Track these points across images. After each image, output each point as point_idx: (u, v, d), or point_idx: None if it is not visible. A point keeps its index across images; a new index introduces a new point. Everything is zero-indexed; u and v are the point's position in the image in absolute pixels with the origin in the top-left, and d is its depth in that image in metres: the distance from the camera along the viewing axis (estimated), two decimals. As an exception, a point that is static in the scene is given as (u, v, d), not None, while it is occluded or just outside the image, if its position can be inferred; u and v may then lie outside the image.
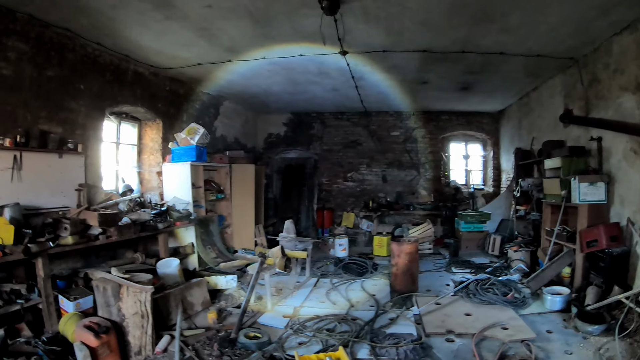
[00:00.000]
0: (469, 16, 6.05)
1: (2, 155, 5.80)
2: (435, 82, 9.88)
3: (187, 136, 8.81)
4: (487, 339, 5.45)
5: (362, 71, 8.83)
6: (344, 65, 8.26)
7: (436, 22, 6.27)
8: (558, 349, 5.16)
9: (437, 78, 9.47)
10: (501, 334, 5.54)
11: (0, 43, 5.75)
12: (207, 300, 6.77)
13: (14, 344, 4.96)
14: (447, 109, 13.45)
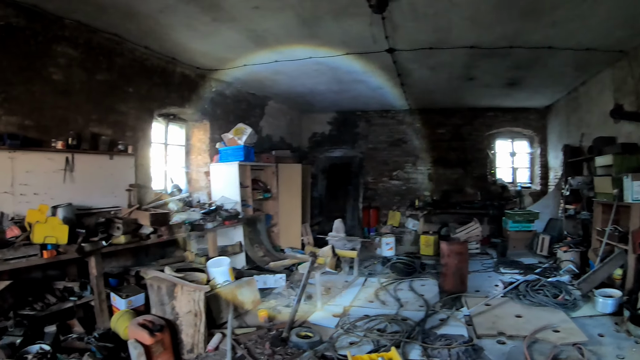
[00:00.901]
0: (517, 11, 5.78)
1: (55, 157, 5.90)
2: (482, 79, 9.54)
3: (235, 136, 8.78)
4: (538, 341, 5.18)
5: (408, 69, 8.60)
6: (390, 63, 8.06)
7: (484, 17, 6.03)
8: (610, 353, 4.86)
9: (484, 74, 9.14)
10: (552, 336, 5.27)
11: (50, 49, 5.86)
12: (257, 299, 6.68)
13: (66, 340, 5.02)
14: (493, 105, 12.93)
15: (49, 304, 5.14)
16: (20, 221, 5.32)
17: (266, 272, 8.01)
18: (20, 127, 5.55)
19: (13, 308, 4.78)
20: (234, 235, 8.67)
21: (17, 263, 4.80)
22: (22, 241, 5.00)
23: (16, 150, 5.42)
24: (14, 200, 5.46)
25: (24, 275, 5.31)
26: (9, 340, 4.53)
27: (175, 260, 7.17)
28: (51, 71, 5.90)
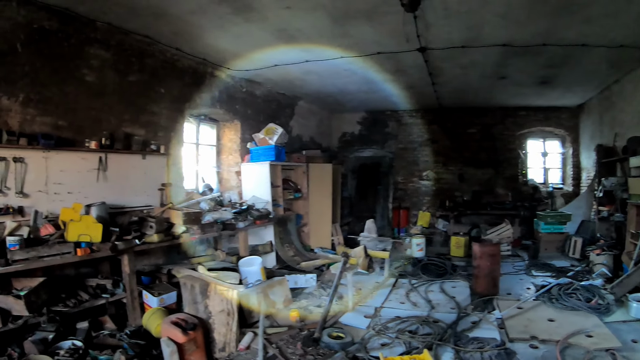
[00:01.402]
0: (550, 7, 5.56)
1: (88, 157, 5.97)
2: (514, 77, 9.27)
3: (266, 136, 8.73)
4: (571, 346, 4.97)
5: (439, 68, 8.42)
6: (421, 62, 7.90)
7: (517, 14, 5.82)
8: (644, 360, 4.63)
9: (516, 73, 8.88)
10: (586, 341, 5.05)
11: (82, 51, 5.92)
12: (288, 299, 6.60)
13: (98, 337, 5.02)
14: (524, 104, 12.55)
15: (82, 300, 5.14)
16: (54, 219, 5.35)
17: (297, 271, 7.93)
18: (54, 128, 5.60)
19: (46, 304, 4.79)
20: (265, 234, 8.62)
21: (51, 260, 4.82)
22: (56, 239, 5.03)
23: (50, 150, 5.47)
24: (48, 198, 5.50)
25: (57, 272, 5.33)
26: (41, 335, 4.56)
27: (206, 259, 7.07)
28: (84, 73, 5.94)
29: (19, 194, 5.18)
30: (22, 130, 5.25)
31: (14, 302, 4.46)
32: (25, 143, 5.20)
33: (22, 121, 5.28)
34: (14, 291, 4.72)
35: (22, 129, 5.25)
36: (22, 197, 5.21)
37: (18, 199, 5.18)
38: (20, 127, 5.25)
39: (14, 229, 4.89)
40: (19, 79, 5.20)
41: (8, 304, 4.47)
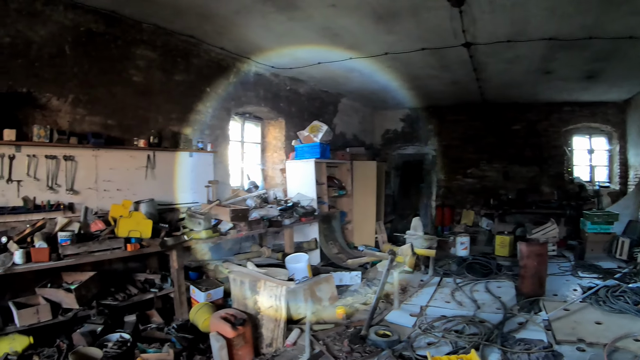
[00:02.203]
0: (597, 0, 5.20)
1: (137, 155, 5.98)
2: (560, 72, 8.73)
3: (310, 134, 8.56)
4: (619, 350, 4.61)
5: (484, 63, 8.03)
6: (466, 57, 7.55)
7: (563, 7, 5.45)
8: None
9: (562, 67, 8.35)
10: (634, 345, 4.70)
11: (129, 52, 5.94)
12: (334, 296, 6.47)
13: (146, 330, 5.00)
14: (570, 99, 11.81)
15: (131, 294, 5.14)
16: (103, 215, 5.38)
17: (342, 269, 7.75)
18: (104, 127, 5.65)
19: (96, 298, 4.81)
20: (309, 231, 8.47)
21: (101, 255, 4.83)
22: (107, 235, 5.03)
23: (100, 149, 5.51)
24: (98, 195, 5.54)
25: (105, 266, 5.39)
26: (90, 328, 4.56)
27: (252, 255, 7.08)
28: (131, 73, 5.97)
29: (69, 191, 5.22)
30: (72, 129, 5.30)
31: (65, 296, 4.48)
32: (76, 142, 5.23)
33: (72, 121, 5.33)
34: (64, 285, 4.77)
35: (72, 129, 5.30)
36: (72, 194, 5.25)
37: (68, 195, 5.21)
38: (70, 127, 5.30)
39: (65, 225, 4.91)
40: (68, 80, 5.24)
41: (59, 297, 4.49)
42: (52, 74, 5.07)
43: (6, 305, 4.32)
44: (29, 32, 4.86)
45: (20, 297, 4.50)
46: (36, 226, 4.69)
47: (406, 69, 8.61)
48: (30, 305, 4.32)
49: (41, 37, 4.96)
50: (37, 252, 4.32)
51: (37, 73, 4.95)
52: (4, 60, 4.68)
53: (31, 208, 4.86)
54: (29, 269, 4.32)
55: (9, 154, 4.73)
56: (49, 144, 4.99)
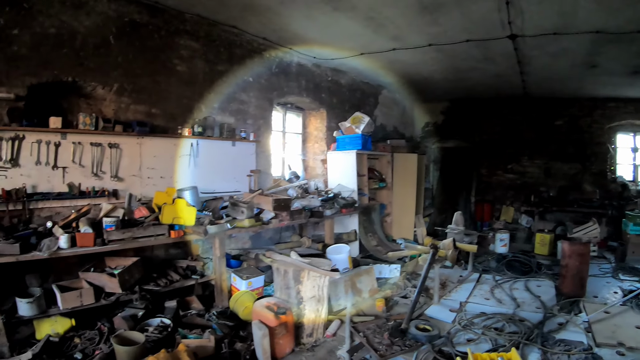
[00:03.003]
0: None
1: (181, 143, 5.93)
2: (605, 66, 8.11)
3: (352, 125, 8.29)
4: None
5: (528, 56, 7.57)
6: (510, 49, 7.14)
7: (613, 0, 5.05)
8: None
9: (608, 61, 7.76)
10: None
11: (172, 42, 5.87)
12: (374, 288, 6.24)
13: (186, 316, 4.90)
14: (614, 95, 10.92)
15: (172, 280, 5.06)
16: (146, 202, 5.33)
17: (381, 261, 7.48)
18: (148, 115, 5.60)
19: (139, 283, 4.74)
20: (348, 223, 8.23)
21: (145, 241, 4.78)
22: (151, 221, 4.97)
23: (144, 137, 5.46)
24: (142, 182, 5.50)
25: (147, 252, 5.36)
26: (131, 312, 4.52)
27: (292, 245, 6.90)
28: (175, 63, 5.89)
29: (114, 177, 5.21)
30: (116, 117, 5.28)
31: (108, 280, 4.44)
32: (121, 130, 5.21)
33: (117, 109, 5.32)
34: (107, 269, 4.73)
35: (116, 117, 5.29)
36: (116, 180, 5.24)
37: (113, 182, 5.20)
38: (115, 115, 5.29)
39: (110, 211, 4.89)
40: (112, 69, 5.20)
41: (102, 282, 4.45)
42: (97, 63, 5.04)
43: (49, 288, 4.30)
44: (74, 23, 4.83)
45: (62, 280, 4.47)
46: (81, 212, 4.68)
47: (449, 61, 8.22)
48: (73, 288, 4.28)
49: (86, 27, 4.93)
50: (82, 237, 4.29)
51: (82, 62, 4.92)
52: (49, 50, 4.66)
53: (76, 194, 4.85)
54: (73, 254, 4.29)
55: (54, 141, 4.72)
56: (94, 132, 4.97)
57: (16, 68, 4.46)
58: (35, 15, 4.54)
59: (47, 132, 4.65)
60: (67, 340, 4.07)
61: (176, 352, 3.64)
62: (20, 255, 3.86)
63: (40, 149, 4.63)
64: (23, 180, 4.51)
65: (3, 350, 3.75)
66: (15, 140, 4.46)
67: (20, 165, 4.53)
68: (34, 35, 4.55)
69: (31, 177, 4.59)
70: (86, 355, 3.92)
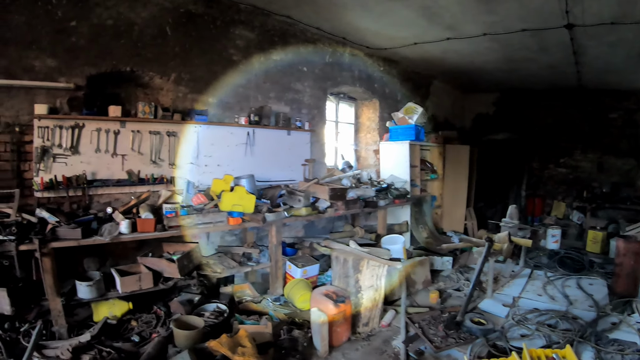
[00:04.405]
0: None
1: (237, 132, 5.75)
2: None
3: (405, 115, 7.83)
4: None
5: (584, 46, 6.91)
6: (566, 39, 6.51)
7: None
8: None
9: None
10: None
11: (228, 32, 5.68)
12: (428, 280, 6.00)
13: (241, 302, 4.73)
14: None
15: (229, 267, 4.84)
16: (203, 190, 5.19)
17: (433, 253, 7.07)
18: (205, 104, 5.48)
19: (197, 269, 4.57)
20: (400, 214, 7.82)
21: (205, 228, 4.61)
22: (210, 208, 4.80)
23: (201, 125, 5.30)
24: (199, 170, 5.37)
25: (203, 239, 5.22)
26: (187, 297, 4.44)
27: (346, 234, 6.56)
28: (231, 52, 5.71)
29: (172, 165, 5.09)
30: (174, 106, 5.17)
31: (167, 265, 4.30)
32: (179, 118, 5.09)
33: (175, 98, 5.21)
34: (166, 255, 4.59)
35: (174, 106, 5.18)
36: (174, 168, 5.12)
37: (171, 169, 5.10)
38: (172, 104, 5.18)
39: (168, 198, 4.74)
40: (170, 59, 5.07)
41: (161, 267, 4.31)
42: (154, 53, 4.93)
43: (107, 271, 4.19)
44: (131, 14, 4.73)
45: (119, 264, 4.35)
46: (141, 198, 4.54)
47: (503, 51, 7.61)
48: (131, 273, 4.16)
49: (142, 18, 4.82)
50: (143, 222, 4.16)
51: (139, 53, 4.83)
52: (107, 41, 4.57)
53: (135, 181, 4.77)
54: (134, 239, 4.17)
55: (114, 129, 4.65)
56: (153, 120, 4.87)
57: (75, 59, 4.39)
58: (93, 7, 4.46)
59: (106, 121, 4.57)
60: (124, 323, 4.01)
61: (237, 337, 3.52)
62: (82, 240, 3.77)
63: (100, 137, 4.56)
64: (83, 168, 4.46)
65: (62, 332, 3.68)
66: (75, 129, 4.40)
67: (80, 152, 4.46)
68: (92, 27, 4.48)
69: (91, 164, 4.53)
70: (143, 338, 3.84)
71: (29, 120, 4.15)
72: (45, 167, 4.22)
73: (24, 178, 4.16)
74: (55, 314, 3.67)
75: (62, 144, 4.31)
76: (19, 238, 3.42)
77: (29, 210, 3.94)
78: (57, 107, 4.26)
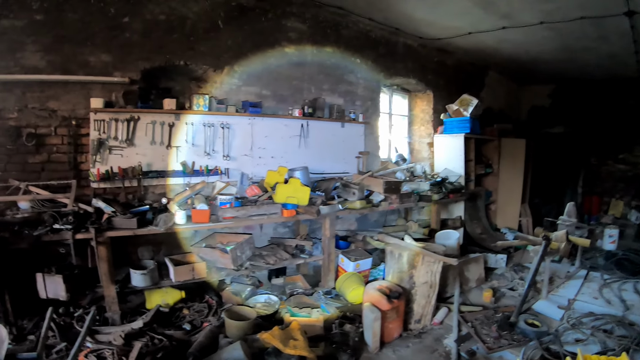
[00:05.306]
0: None
1: (291, 124, 5.56)
2: None
3: (460, 107, 7.32)
4: None
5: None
6: (627, 27, 5.91)
7: None
8: None
9: None
10: None
11: (280, 25, 5.48)
12: (481, 278, 5.61)
13: (292, 294, 4.54)
14: None
15: (282, 258, 4.62)
16: (257, 182, 5.03)
17: (486, 250, 6.59)
18: (258, 96, 5.32)
19: (249, 260, 4.38)
20: (453, 209, 7.34)
21: (259, 219, 4.44)
22: (264, 200, 4.64)
23: (255, 117, 5.14)
24: (252, 162, 5.20)
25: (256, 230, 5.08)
26: (239, 287, 4.39)
27: (399, 228, 6.23)
28: (284, 45, 5.50)
29: (226, 157, 4.96)
30: (228, 99, 5.04)
31: (220, 255, 4.16)
32: (233, 111, 4.96)
33: (228, 91, 5.09)
34: (219, 245, 4.43)
35: (228, 98, 5.05)
36: (228, 160, 4.99)
37: (225, 161, 4.97)
38: (226, 96, 5.04)
39: (222, 189, 4.64)
40: (222, 52, 4.95)
41: (214, 257, 4.18)
42: (207, 47, 4.81)
43: (162, 260, 4.11)
44: (183, 9, 4.66)
45: (172, 254, 4.26)
46: (195, 189, 4.40)
47: (560, 40, 6.99)
48: (184, 262, 4.04)
49: (194, 13, 4.72)
50: (198, 213, 4.02)
51: (192, 47, 4.72)
52: (160, 35, 4.50)
53: (189, 172, 4.64)
54: (189, 229, 4.09)
55: (168, 122, 4.57)
56: (207, 112, 4.74)
57: (129, 54, 4.33)
58: (145, 3, 4.42)
59: (161, 113, 4.50)
60: (176, 311, 3.94)
61: (289, 329, 3.41)
62: (138, 230, 3.68)
63: (154, 129, 4.49)
64: (138, 159, 4.41)
65: (115, 318, 3.65)
66: (131, 121, 4.36)
67: (136, 144, 4.41)
68: (144, 23, 4.41)
69: (146, 155, 4.47)
70: (194, 327, 3.75)
71: (85, 113, 4.14)
72: (101, 159, 4.19)
73: (80, 169, 4.15)
74: (109, 301, 3.64)
75: (117, 137, 4.28)
76: (76, 227, 3.37)
77: (85, 200, 3.90)
78: (112, 100, 4.23)
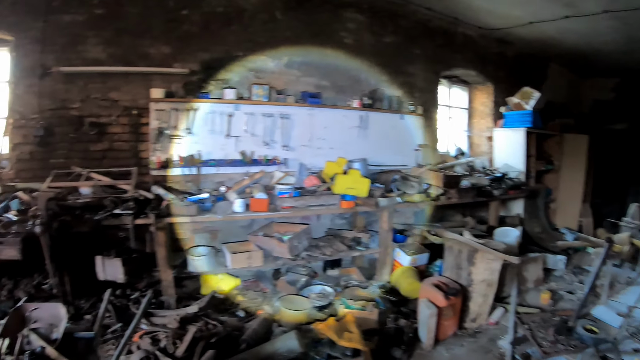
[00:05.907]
0: None
1: (350, 115, 5.38)
2: None
3: (521, 100, 6.81)
4: None
5: None
6: None
7: None
8: None
9: None
10: None
11: (338, 15, 5.36)
12: (540, 279, 5.20)
13: (347, 286, 4.38)
14: None
15: (338, 250, 4.45)
16: (315, 172, 4.88)
17: (545, 250, 6.08)
18: (317, 87, 5.23)
19: (305, 250, 4.27)
20: (511, 206, 6.90)
21: (317, 210, 4.34)
22: (323, 190, 4.52)
23: (314, 108, 5.03)
24: (311, 153, 5.08)
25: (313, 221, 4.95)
26: (294, 277, 4.37)
27: (457, 224, 5.86)
28: (342, 35, 5.38)
29: (285, 147, 4.89)
30: (287, 89, 4.95)
31: (277, 245, 4.06)
32: (293, 101, 4.88)
33: (287, 81, 5.02)
34: (276, 235, 4.30)
35: (287, 89, 4.96)
36: (287, 150, 4.90)
37: (283, 151, 4.90)
38: (284, 87, 4.95)
39: (281, 179, 4.57)
40: (280, 43, 4.89)
41: (270, 246, 4.10)
42: (265, 38, 4.78)
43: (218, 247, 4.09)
44: (240, 1, 4.63)
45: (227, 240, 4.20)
46: (253, 178, 4.35)
47: (625, 29, 6.40)
48: (241, 250, 3.97)
49: (252, 4, 4.71)
50: (256, 202, 3.95)
51: (250, 38, 4.69)
52: (218, 27, 4.53)
53: (248, 162, 4.59)
54: (247, 218, 4.08)
55: (228, 111, 4.52)
56: (266, 103, 4.67)
57: (188, 45, 4.37)
58: None
59: (220, 103, 4.46)
60: (230, 298, 3.90)
61: (344, 321, 3.30)
62: (197, 217, 3.63)
63: (214, 119, 4.47)
64: (197, 148, 4.39)
65: (170, 302, 3.65)
66: (190, 111, 4.33)
67: (195, 134, 4.39)
68: (203, 15, 4.43)
69: (205, 144, 4.44)
70: (248, 314, 3.70)
71: (145, 103, 4.17)
72: (161, 148, 4.20)
73: (140, 157, 4.20)
74: (166, 285, 3.63)
75: (177, 126, 4.28)
76: (136, 213, 3.37)
77: (145, 187, 3.92)
78: (172, 91, 4.24)
